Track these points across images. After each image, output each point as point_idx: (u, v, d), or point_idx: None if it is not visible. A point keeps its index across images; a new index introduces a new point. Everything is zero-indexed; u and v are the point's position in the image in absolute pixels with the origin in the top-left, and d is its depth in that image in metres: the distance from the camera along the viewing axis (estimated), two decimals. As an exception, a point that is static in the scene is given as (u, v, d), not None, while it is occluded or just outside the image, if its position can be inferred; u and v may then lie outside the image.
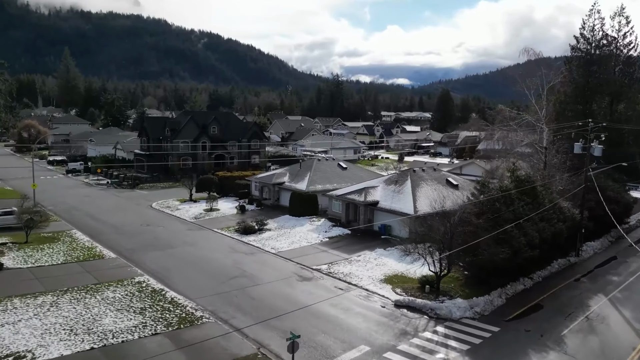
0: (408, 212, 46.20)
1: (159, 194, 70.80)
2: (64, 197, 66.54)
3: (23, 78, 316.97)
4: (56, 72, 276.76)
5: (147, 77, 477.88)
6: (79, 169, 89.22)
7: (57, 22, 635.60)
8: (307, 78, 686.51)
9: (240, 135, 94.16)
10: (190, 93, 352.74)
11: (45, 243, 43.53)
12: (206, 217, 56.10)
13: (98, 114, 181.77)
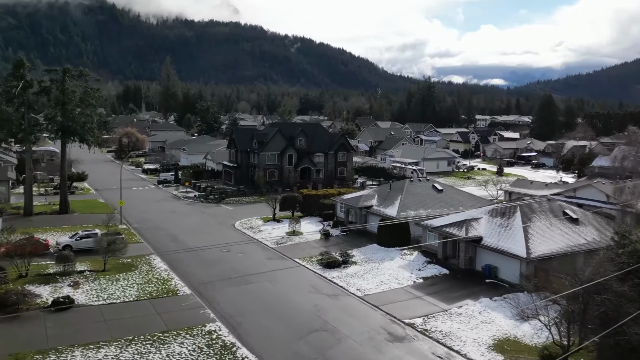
0: (519, 253, 38.77)
1: (243, 211, 68.00)
2: (150, 212, 65.68)
3: (130, 84, 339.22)
4: (158, 79, 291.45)
5: (242, 81, 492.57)
6: (170, 179, 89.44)
7: (163, 30, 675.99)
8: (397, 80, 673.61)
9: (327, 147, 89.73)
10: (282, 97, 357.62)
11: (122, 272, 41.33)
12: (288, 242, 51.87)
13: (194, 120, 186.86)
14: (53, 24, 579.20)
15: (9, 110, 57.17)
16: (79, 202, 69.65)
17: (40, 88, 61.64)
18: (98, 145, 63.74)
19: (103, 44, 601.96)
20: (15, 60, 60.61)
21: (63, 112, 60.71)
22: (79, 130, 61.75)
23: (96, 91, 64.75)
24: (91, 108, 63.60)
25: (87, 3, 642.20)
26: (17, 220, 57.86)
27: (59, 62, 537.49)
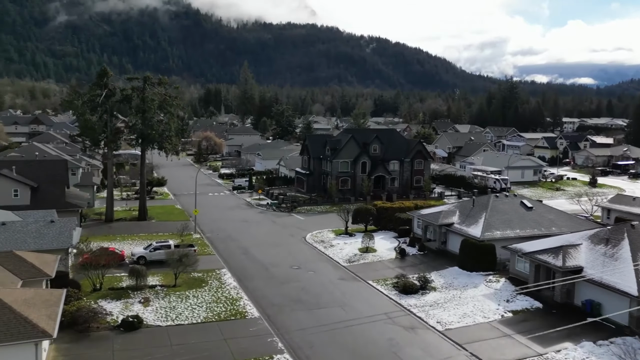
0: (628, 290, 33.50)
1: (315, 221, 66.00)
2: (223, 221, 65.34)
3: (211, 87, 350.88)
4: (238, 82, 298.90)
5: (317, 83, 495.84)
6: (244, 185, 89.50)
7: (243, 34, 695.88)
8: (475, 80, 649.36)
9: (403, 154, 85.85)
10: (356, 99, 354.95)
11: (193, 288, 40.41)
12: (361, 260, 48.99)
13: (269, 123, 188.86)
14: (143, 30, 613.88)
15: (93, 119, 58.80)
16: (158, 208, 70.87)
17: (122, 96, 63.15)
18: (176, 153, 63.80)
19: (187, 48, 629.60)
20: (100, 70, 62.49)
21: (143, 120, 61.76)
22: (157, 138, 62.58)
23: (174, 99, 65.40)
24: (169, 116, 64.22)
25: (174, 9, 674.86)
26: (99, 227, 59.58)
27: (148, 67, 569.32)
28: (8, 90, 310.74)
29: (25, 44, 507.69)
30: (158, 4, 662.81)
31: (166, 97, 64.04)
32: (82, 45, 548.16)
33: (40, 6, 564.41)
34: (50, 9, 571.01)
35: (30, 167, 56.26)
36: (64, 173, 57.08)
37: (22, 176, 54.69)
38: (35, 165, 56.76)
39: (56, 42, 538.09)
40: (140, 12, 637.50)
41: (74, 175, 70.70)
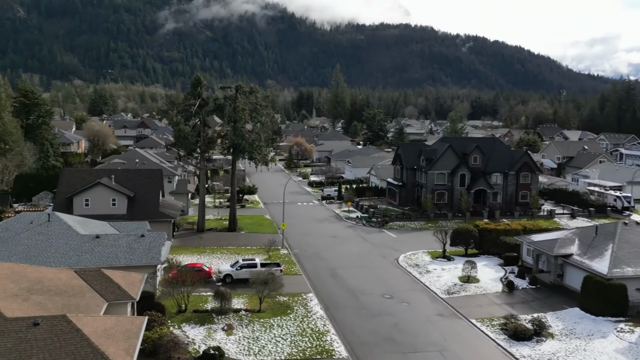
0: None
1: (408, 240, 61.40)
2: (311, 235, 62.85)
3: (304, 90, 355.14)
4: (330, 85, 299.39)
5: (410, 84, 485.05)
6: (333, 195, 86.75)
7: (336, 36, 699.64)
8: (584, 79, 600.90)
9: (507, 167, 78.33)
10: (451, 100, 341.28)
11: (278, 315, 37.93)
12: (461, 292, 43.83)
13: (360, 128, 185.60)
14: (241, 35, 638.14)
15: (187, 129, 58.90)
16: (247, 218, 70.11)
17: (215, 105, 62.90)
18: (265, 163, 62.37)
19: (282, 51, 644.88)
20: (193, 79, 62.70)
21: (234, 129, 61.02)
22: (247, 148, 61.52)
23: (265, 108, 64.07)
24: (260, 125, 63.01)
25: (270, 14, 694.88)
26: (190, 237, 59.58)
27: (245, 70, 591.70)
28: (121, 95, 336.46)
29: (138, 51, 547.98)
30: (256, 9, 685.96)
31: (257, 107, 62.92)
32: (186, 51, 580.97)
33: (151, 15, 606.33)
34: (160, 18, 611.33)
35: (128, 176, 57.44)
36: (158, 183, 57.65)
37: (120, 185, 55.88)
38: (133, 174, 57.90)
39: (164, 49, 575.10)
40: (239, 17, 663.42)
41: (169, 183, 72.06)
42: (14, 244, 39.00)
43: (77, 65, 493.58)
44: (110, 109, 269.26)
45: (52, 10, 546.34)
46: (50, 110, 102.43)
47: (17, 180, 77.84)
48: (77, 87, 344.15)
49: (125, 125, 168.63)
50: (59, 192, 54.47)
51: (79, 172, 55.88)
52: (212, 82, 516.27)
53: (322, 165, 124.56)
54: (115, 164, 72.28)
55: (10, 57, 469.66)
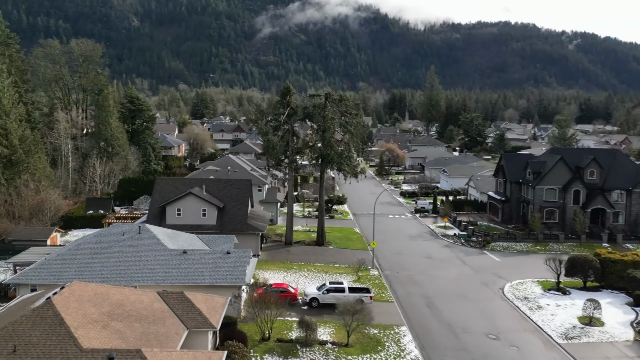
0: None
1: (514, 265, 54.87)
2: (403, 254, 58.35)
3: (396, 92, 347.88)
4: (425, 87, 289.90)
5: (509, 85, 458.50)
6: (428, 208, 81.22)
7: (430, 36, 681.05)
8: None
9: (630, 183, 68.40)
10: (556, 102, 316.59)
11: (367, 352, 34.25)
12: (582, 337, 37.25)
13: (456, 132, 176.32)
14: (334, 38, 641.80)
15: (275, 139, 57.03)
16: (336, 231, 67.16)
17: (304, 114, 60.60)
18: (354, 175, 58.87)
19: (375, 53, 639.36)
20: (282, 88, 60.79)
21: (323, 139, 58.29)
22: (336, 159, 58.44)
23: (355, 116, 60.62)
24: (349, 135, 59.70)
25: (363, 15, 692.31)
26: (278, 250, 57.66)
27: (338, 73, 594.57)
28: (221, 98, 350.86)
29: (237, 56, 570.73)
30: (349, 11, 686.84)
31: (347, 115, 59.68)
32: (281, 55, 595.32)
33: (249, 20, 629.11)
34: (258, 23, 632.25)
35: (218, 186, 56.71)
36: (247, 194, 56.32)
37: (211, 195, 55.23)
38: (223, 185, 57.10)
39: (261, 53, 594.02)
40: (333, 20, 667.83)
41: (259, 192, 71.12)
42: (106, 256, 38.96)
43: (182, 70, 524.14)
44: (211, 112, 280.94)
45: (161, 18, 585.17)
46: (153, 115, 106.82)
47: (121, 184, 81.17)
48: (181, 91, 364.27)
49: (222, 129, 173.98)
50: (153, 200, 54.94)
51: (172, 181, 56.17)
52: (305, 84, 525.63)
53: (415, 173, 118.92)
54: (208, 171, 72.72)
55: (126, 64, 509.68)
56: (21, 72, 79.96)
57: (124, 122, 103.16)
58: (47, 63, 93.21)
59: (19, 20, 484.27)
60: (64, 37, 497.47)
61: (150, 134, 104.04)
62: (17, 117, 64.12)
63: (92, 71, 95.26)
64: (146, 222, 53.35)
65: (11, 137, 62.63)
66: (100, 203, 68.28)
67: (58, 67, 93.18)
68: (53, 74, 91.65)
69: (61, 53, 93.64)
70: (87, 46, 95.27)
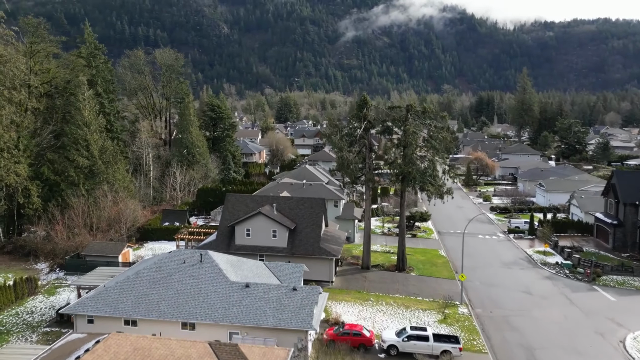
0: None
1: (635, 308, 45.01)
2: (497, 286, 50.24)
3: (483, 95, 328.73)
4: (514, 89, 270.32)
5: (609, 86, 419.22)
6: (523, 229, 71.54)
7: (520, 35, 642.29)
8: None
9: None
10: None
11: None
12: None
13: (551, 139, 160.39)
14: (418, 40, 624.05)
15: (350, 156, 51.31)
16: (419, 253, 60.24)
17: (382, 128, 54.42)
18: (440, 196, 51.65)
19: (460, 54, 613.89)
20: (359, 100, 54.89)
21: (404, 156, 51.76)
22: (419, 178, 51.63)
23: (440, 130, 53.32)
24: (434, 152, 52.61)
25: (449, 16, 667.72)
26: (353, 276, 51.95)
27: (421, 75, 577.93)
28: (304, 102, 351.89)
29: (320, 60, 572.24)
30: (434, 12, 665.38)
31: (431, 129, 52.66)
32: (364, 58, 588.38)
33: (333, 25, 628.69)
34: (341, 27, 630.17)
35: (290, 205, 52.06)
36: (320, 214, 51.13)
37: (282, 214, 50.76)
38: (295, 203, 52.37)
39: (344, 57, 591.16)
40: (417, 21, 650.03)
41: (335, 207, 65.83)
42: (164, 287, 35.51)
43: (268, 75, 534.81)
44: (294, 116, 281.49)
45: (249, 25, 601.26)
46: (234, 123, 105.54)
47: (199, 193, 79.62)
48: (267, 95, 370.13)
49: (303, 134, 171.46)
50: (223, 218, 51.45)
51: (242, 197, 52.45)
52: (388, 87, 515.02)
53: (506, 184, 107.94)
54: (283, 184, 68.57)
55: (217, 69, 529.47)
56: (107, 82, 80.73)
57: (205, 129, 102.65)
58: (133, 73, 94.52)
59: (122, 31, 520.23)
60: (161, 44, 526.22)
61: (230, 141, 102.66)
62: (97, 128, 63.80)
63: (175, 80, 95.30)
64: (215, 241, 50.10)
65: (92, 148, 62.35)
66: (176, 215, 66.57)
67: (142, 76, 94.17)
68: (137, 83, 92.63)
69: (145, 63, 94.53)
70: (169, 55, 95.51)
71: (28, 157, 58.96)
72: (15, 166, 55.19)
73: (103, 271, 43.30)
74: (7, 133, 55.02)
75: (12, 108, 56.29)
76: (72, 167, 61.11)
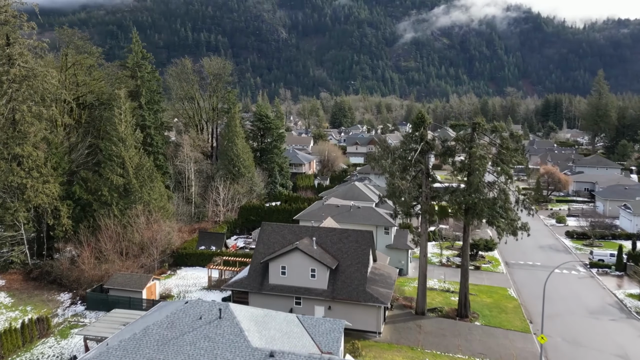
0: None
1: None
2: (583, 348, 40.46)
3: (550, 98, 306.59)
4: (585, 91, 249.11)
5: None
6: (609, 262, 60.39)
7: (590, 34, 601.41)
8: None
9: None
10: None
11: None
12: None
13: (630, 148, 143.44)
14: (479, 40, 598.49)
15: (404, 184, 43.20)
16: (483, 293, 51.22)
17: (443, 149, 45.96)
18: (513, 233, 42.57)
19: (524, 55, 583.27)
20: (415, 117, 46.51)
21: (468, 184, 43.15)
22: (486, 211, 42.82)
23: (514, 154, 44.16)
24: (506, 178, 43.63)
25: (513, 15, 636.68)
26: (405, 324, 43.88)
27: (482, 76, 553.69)
28: (360, 106, 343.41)
29: (377, 62, 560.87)
30: (498, 11, 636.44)
31: (502, 151, 43.67)
32: (422, 60, 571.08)
33: (390, 27, 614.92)
34: (399, 29, 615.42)
35: (332, 238, 44.71)
36: (367, 250, 43.48)
37: (323, 249, 43.55)
38: (338, 236, 44.94)
39: (401, 59, 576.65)
40: (479, 21, 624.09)
41: (386, 234, 57.79)
42: (174, 350, 29.18)
43: (325, 79, 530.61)
44: (348, 121, 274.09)
45: (307, 29, 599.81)
46: (282, 134, 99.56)
47: (241, 211, 74.12)
48: (322, 99, 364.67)
49: (356, 142, 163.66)
50: (256, 251, 44.91)
51: (279, 228, 45.68)
52: (446, 89, 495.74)
53: (582, 202, 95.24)
54: (328, 207, 61.25)
55: (274, 73, 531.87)
56: (152, 93, 76.84)
57: (253, 140, 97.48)
58: (180, 82, 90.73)
59: (185, 37, 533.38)
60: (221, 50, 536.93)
61: (278, 152, 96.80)
62: (133, 143, 59.35)
63: (222, 89, 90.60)
64: (247, 278, 43.68)
65: (127, 166, 57.89)
66: (212, 238, 61.01)
67: (189, 85, 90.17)
68: (184, 92, 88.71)
69: (192, 71, 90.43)
70: (216, 64, 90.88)
71: (60, 176, 55.23)
72: (44, 186, 51.38)
73: (116, 317, 37.86)
74: (35, 152, 51.30)
75: (42, 125, 52.59)
76: (105, 185, 56.89)
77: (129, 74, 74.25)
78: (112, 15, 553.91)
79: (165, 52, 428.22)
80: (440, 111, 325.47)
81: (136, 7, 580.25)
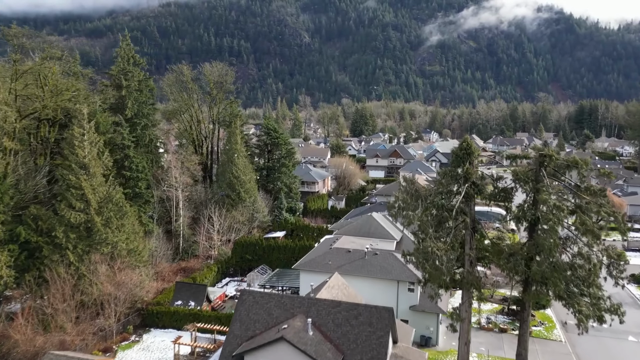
0: None
1: None
2: None
3: (585, 104, 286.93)
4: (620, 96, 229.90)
5: None
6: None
7: (625, 35, 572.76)
8: None
9: None
10: None
11: None
12: None
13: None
14: (507, 43, 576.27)
15: (439, 246, 30.18)
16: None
17: (495, 191, 32.87)
18: (599, 320, 29.04)
19: (554, 58, 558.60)
20: (459, 147, 33.20)
21: (535, 245, 30.08)
22: (561, 285, 29.58)
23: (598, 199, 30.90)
24: (590, 237, 30.33)
25: (545, 16, 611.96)
26: None
27: (510, 81, 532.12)
28: (382, 113, 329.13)
29: (401, 67, 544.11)
30: (528, 12, 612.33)
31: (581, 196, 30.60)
32: (448, 64, 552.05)
33: (416, 30, 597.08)
34: (425, 32, 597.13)
35: (336, 316, 31.97)
36: (385, 338, 30.68)
37: (322, 333, 30.91)
38: (343, 313, 32.25)
39: (426, 63, 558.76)
40: (508, 23, 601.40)
41: (411, 292, 44.71)
42: None
43: (347, 83, 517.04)
44: (370, 129, 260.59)
45: (330, 34, 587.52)
46: (292, 150, 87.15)
47: (235, 248, 61.98)
48: (344, 105, 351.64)
49: (377, 154, 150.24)
50: (230, 334, 32.42)
51: (263, 299, 33.02)
52: (472, 94, 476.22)
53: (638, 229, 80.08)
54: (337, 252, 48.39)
55: (296, 79, 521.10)
56: (140, 105, 65.15)
57: (259, 157, 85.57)
58: (178, 91, 79.36)
59: (208, 42, 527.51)
60: (244, 55, 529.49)
61: (286, 172, 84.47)
62: (99, 170, 47.81)
63: (223, 100, 78.94)
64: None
65: (89, 199, 46.33)
66: (191, 291, 48.74)
67: (187, 95, 78.75)
68: (179, 103, 77.32)
69: (190, 79, 78.87)
70: (217, 70, 79.18)
71: (2, 213, 43.95)
72: (-25, 229, 40.21)
73: None
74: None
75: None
76: (61, 224, 45.44)
77: (109, 83, 63.14)
78: (137, 21, 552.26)
79: (188, 57, 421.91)
80: (467, 117, 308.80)
81: (160, 12, 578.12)
